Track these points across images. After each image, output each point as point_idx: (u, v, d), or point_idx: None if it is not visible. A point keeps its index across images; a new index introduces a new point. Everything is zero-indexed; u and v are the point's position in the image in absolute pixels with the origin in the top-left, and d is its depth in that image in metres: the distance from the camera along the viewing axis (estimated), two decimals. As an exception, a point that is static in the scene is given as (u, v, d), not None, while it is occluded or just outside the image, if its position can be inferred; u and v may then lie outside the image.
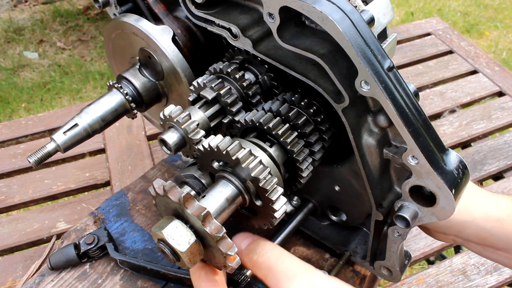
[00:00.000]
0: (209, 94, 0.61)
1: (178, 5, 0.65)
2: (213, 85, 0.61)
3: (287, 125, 0.59)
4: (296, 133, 0.59)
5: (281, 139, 0.58)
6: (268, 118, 0.59)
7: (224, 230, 0.46)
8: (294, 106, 0.60)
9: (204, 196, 0.53)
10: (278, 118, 0.59)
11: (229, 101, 0.61)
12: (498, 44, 3.04)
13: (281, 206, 0.54)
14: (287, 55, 0.57)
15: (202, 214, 0.46)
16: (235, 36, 0.59)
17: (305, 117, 0.60)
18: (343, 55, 0.49)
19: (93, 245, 0.74)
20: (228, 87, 0.62)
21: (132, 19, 0.67)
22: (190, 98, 0.63)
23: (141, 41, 0.67)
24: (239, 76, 0.62)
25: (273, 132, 0.58)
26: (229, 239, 0.47)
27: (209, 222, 0.47)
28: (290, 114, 0.59)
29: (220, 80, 0.62)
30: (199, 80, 0.63)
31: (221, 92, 0.61)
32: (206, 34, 0.69)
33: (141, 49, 0.68)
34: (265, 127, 0.58)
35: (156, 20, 0.67)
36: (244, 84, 0.62)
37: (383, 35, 0.63)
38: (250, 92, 0.62)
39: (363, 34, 0.48)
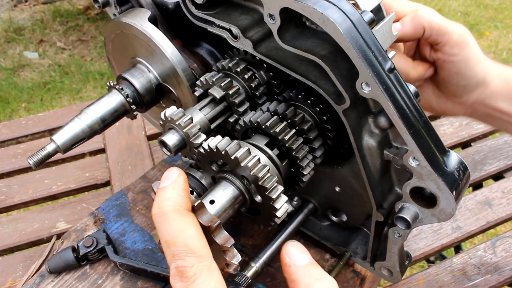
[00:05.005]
0: (217, 93, 0.61)
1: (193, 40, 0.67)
2: (222, 84, 0.61)
3: (284, 122, 0.59)
4: (294, 131, 0.59)
5: (279, 137, 0.58)
6: (266, 118, 0.59)
7: (219, 221, 0.46)
8: (291, 105, 0.61)
9: (205, 197, 0.53)
10: (275, 117, 0.59)
11: (237, 101, 0.61)
12: (498, 44, 3.04)
13: (282, 204, 0.54)
14: (287, 56, 0.57)
15: (195, 205, 0.46)
16: (235, 37, 0.59)
17: (302, 114, 0.60)
18: (344, 56, 0.49)
19: (92, 248, 0.74)
20: (237, 87, 0.62)
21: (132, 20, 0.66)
22: (197, 94, 0.63)
23: (140, 42, 0.67)
24: (248, 76, 0.62)
25: (271, 131, 0.58)
26: (225, 231, 0.47)
27: (202, 213, 0.46)
28: (287, 112, 0.59)
29: (229, 79, 0.62)
30: (207, 76, 0.63)
31: (230, 92, 0.61)
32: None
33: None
34: (263, 127, 0.58)
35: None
36: (252, 84, 0.62)
37: (378, 11, 0.62)
38: (257, 93, 0.62)
39: (364, 36, 0.48)
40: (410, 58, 0.71)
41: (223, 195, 0.53)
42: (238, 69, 0.62)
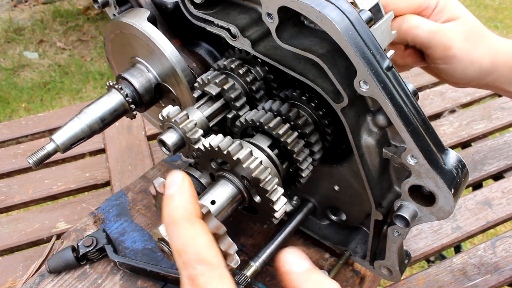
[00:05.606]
0: (213, 90, 0.61)
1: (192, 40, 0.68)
2: (217, 81, 0.61)
3: (287, 125, 0.59)
4: (296, 133, 0.59)
5: (282, 139, 0.58)
6: (269, 118, 0.59)
7: (225, 229, 0.46)
8: (294, 106, 0.60)
9: (204, 195, 0.53)
10: (278, 118, 0.59)
11: (233, 96, 0.61)
12: (498, 44, 3.04)
13: (281, 206, 0.54)
14: (286, 55, 0.57)
15: (201, 211, 0.46)
16: (234, 36, 0.59)
17: (305, 117, 0.60)
18: (342, 54, 0.49)
19: (92, 248, 0.74)
20: (232, 82, 0.62)
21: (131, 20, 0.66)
22: (195, 95, 0.64)
23: (140, 41, 0.67)
24: (243, 71, 0.62)
25: (274, 132, 0.58)
26: (229, 238, 0.47)
27: (208, 220, 0.46)
28: (290, 114, 0.59)
29: (224, 76, 0.62)
30: (203, 76, 0.63)
31: (225, 87, 0.61)
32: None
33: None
34: (266, 127, 0.58)
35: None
36: (248, 79, 0.62)
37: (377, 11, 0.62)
38: (253, 87, 0.63)
39: (362, 34, 0.48)
40: (403, 46, 0.71)
41: (222, 193, 0.53)
42: (233, 66, 0.62)
